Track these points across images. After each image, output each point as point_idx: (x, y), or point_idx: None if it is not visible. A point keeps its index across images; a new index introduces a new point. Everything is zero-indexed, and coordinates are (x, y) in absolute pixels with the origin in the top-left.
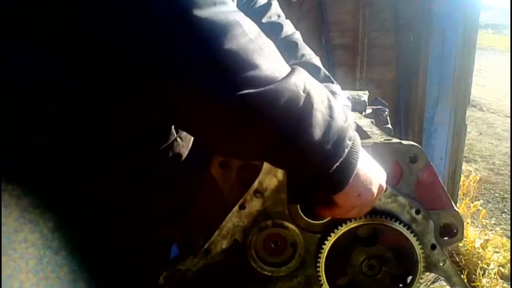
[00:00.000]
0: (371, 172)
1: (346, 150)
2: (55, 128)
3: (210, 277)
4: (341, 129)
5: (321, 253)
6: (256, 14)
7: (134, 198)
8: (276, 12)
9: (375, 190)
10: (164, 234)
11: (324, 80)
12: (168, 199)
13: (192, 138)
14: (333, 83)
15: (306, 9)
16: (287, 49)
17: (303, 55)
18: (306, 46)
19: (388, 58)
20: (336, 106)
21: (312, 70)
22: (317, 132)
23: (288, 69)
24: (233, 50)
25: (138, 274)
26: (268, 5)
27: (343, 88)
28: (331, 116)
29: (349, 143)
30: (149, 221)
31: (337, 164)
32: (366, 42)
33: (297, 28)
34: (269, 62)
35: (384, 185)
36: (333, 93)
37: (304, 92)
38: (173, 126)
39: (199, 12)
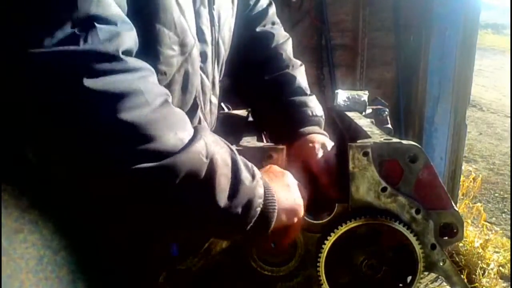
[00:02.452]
0: (289, 212)
1: (259, 209)
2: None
3: (210, 277)
4: (249, 190)
5: (321, 253)
6: (252, 21)
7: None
8: (271, 20)
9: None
10: (165, 234)
11: (296, 92)
12: None
13: None
14: (306, 95)
15: (306, 9)
16: (274, 59)
17: (287, 66)
18: (291, 57)
19: (388, 58)
20: (240, 165)
21: (289, 82)
22: (223, 199)
23: (191, 134)
24: (129, 121)
25: (138, 274)
26: (264, 13)
27: (343, 88)
28: (236, 178)
29: (260, 201)
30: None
31: (251, 224)
32: (366, 42)
33: (297, 29)
34: (171, 132)
35: (300, 213)
36: (305, 104)
37: (207, 158)
38: None
39: (92, 82)
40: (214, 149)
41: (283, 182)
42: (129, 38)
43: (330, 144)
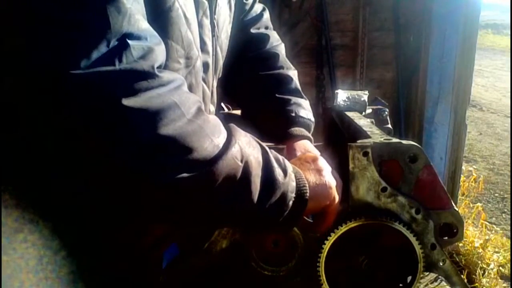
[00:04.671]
0: (320, 197)
1: (291, 202)
2: (53, 130)
3: (210, 277)
4: (282, 186)
5: (321, 253)
6: (247, 24)
7: (133, 198)
8: (265, 24)
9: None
10: (164, 234)
11: (293, 92)
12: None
13: None
14: (302, 97)
15: (306, 9)
16: (269, 59)
17: (281, 66)
18: (287, 60)
19: (388, 58)
20: (273, 163)
21: (286, 81)
22: (258, 198)
23: (225, 136)
24: (169, 135)
25: (138, 274)
26: (258, 17)
27: (343, 88)
28: (269, 177)
29: (292, 195)
30: (147, 221)
31: (284, 216)
32: (366, 42)
33: (297, 29)
34: (207, 141)
35: (332, 196)
36: (297, 105)
37: (242, 161)
38: None
39: (131, 101)
40: (248, 151)
41: (314, 167)
42: (160, 52)
43: (309, 149)
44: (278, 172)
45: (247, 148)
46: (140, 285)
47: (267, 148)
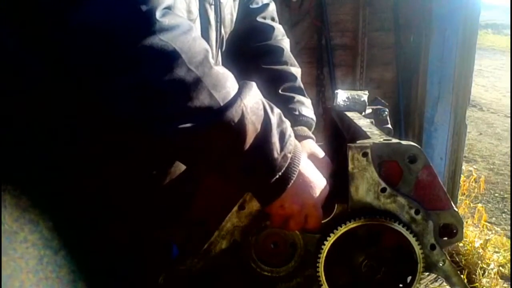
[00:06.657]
0: (304, 187)
1: (273, 180)
2: (53, 130)
3: (210, 277)
4: (273, 161)
5: (321, 253)
6: (252, 11)
7: (132, 198)
8: (271, 15)
9: (304, 202)
10: (163, 233)
11: (296, 90)
12: (167, 198)
13: None
14: (304, 95)
15: (306, 9)
16: (274, 52)
17: (286, 62)
18: (291, 56)
19: (388, 58)
20: (272, 135)
21: (290, 78)
22: (244, 163)
23: (230, 95)
24: (166, 83)
25: (138, 274)
26: (264, 7)
27: (343, 88)
28: (263, 146)
29: (277, 173)
30: (147, 221)
31: (261, 188)
32: (366, 42)
33: (296, 29)
34: (206, 94)
35: (320, 195)
36: (301, 103)
37: (238, 125)
38: None
39: (130, 47)
40: (248, 116)
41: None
42: None
43: (314, 150)
44: (274, 147)
45: (250, 113)
46: (140, 285)
47: (272, 118)
